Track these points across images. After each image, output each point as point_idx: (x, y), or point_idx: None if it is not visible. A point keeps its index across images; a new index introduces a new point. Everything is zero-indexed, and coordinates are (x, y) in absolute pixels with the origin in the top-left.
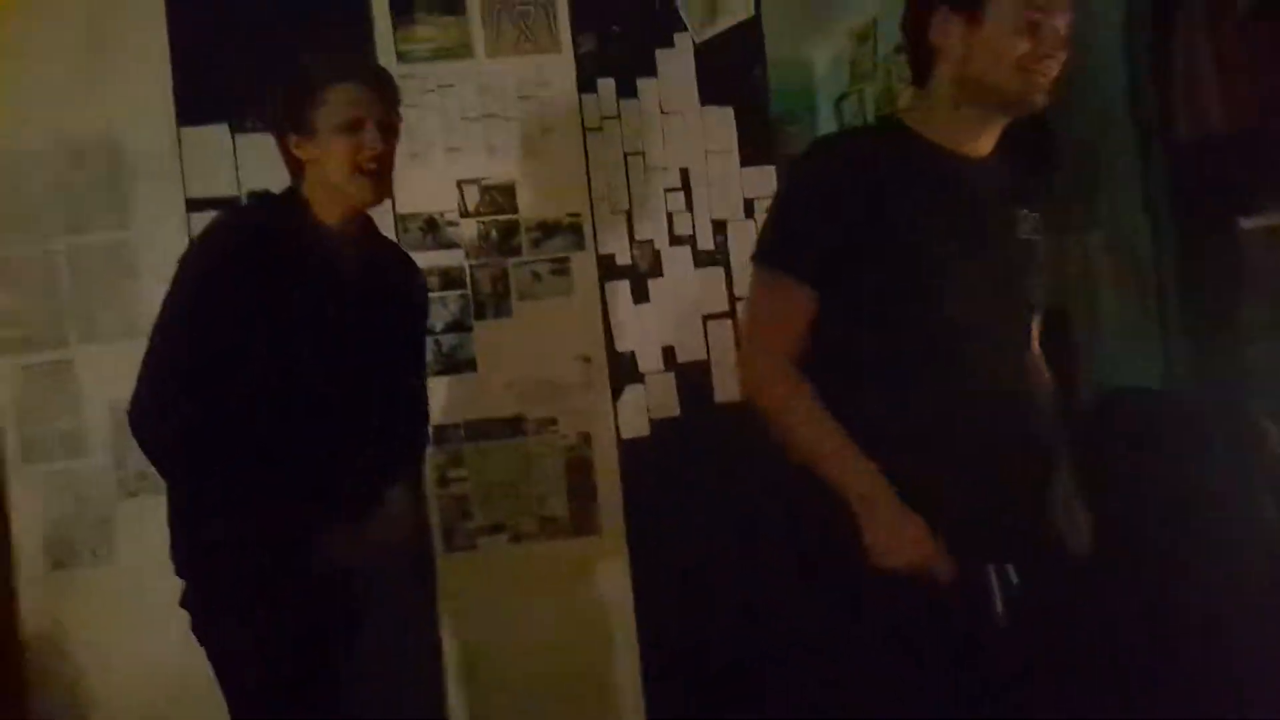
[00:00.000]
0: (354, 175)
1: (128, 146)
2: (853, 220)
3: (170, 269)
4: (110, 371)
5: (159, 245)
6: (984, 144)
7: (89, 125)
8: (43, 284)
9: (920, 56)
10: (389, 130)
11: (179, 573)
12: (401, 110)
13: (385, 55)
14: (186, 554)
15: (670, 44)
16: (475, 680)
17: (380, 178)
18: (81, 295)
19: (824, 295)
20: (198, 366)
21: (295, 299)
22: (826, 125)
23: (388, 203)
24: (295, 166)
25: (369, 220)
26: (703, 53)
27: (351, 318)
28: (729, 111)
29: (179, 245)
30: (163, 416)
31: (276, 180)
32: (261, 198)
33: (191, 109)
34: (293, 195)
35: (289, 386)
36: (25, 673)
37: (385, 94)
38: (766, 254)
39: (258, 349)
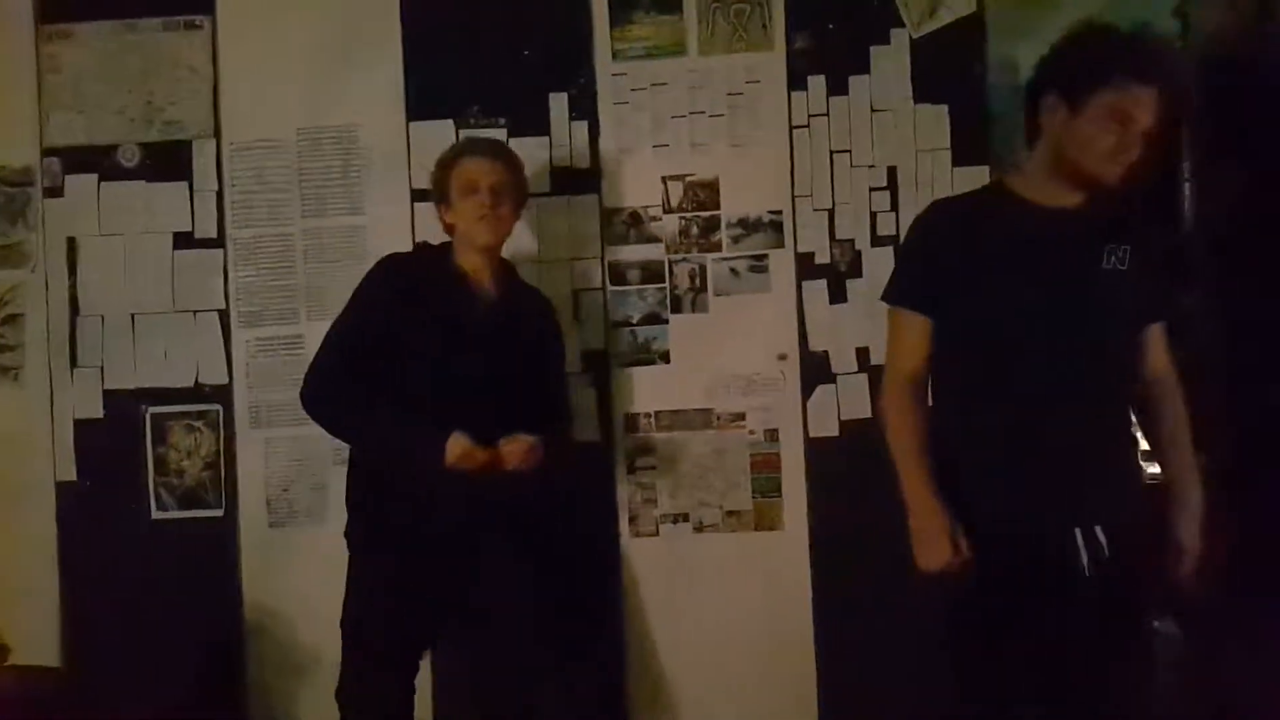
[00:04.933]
0: (474, 224)
1: (361, 139)
2: (950, 263)
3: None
4: None
5: (387, 230)
6: (1074, 198)
7: (327, 120)
8: (280, 263)
9: (1030, 127)
10: (504, 191)
11: (346, 502)
12: (517, 177)
13: (601, 53)
14: (349, 490)
15: (886, 41)
16: (648, 663)
17: (496, 223)
18: (314, 275)
19: (936, 322)
20: (356, 357)
21: (431, 315)
22: None
23: (594, 197)
24: (448, 229)
25: (509, 268)
26: (920, 50)
27: (480, 330)
28: (943, 110)
29: (405, 230)
30: (327, 391)
31: None
32: (421, 245)
33: (419, 105)
34: (445, 246)
35: (425, 376)
36: (243, 621)
37: (500, 163)
38: (890, 293)
39: (400, 348)
